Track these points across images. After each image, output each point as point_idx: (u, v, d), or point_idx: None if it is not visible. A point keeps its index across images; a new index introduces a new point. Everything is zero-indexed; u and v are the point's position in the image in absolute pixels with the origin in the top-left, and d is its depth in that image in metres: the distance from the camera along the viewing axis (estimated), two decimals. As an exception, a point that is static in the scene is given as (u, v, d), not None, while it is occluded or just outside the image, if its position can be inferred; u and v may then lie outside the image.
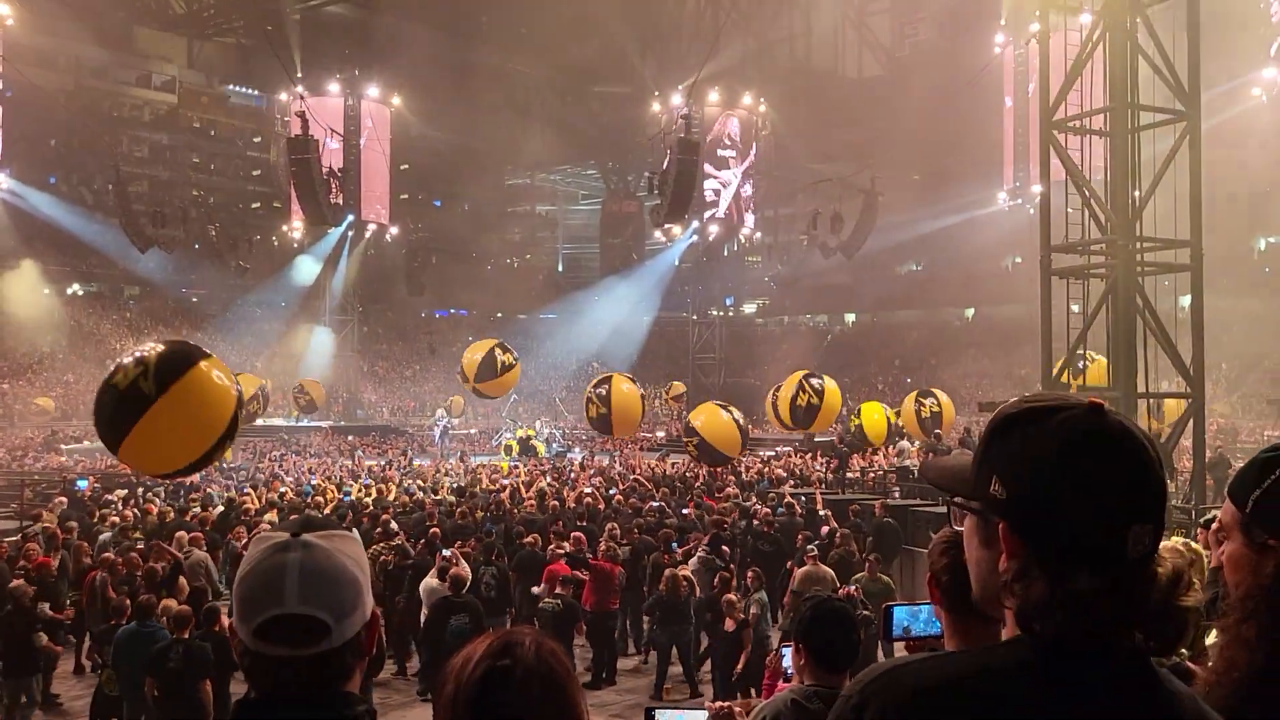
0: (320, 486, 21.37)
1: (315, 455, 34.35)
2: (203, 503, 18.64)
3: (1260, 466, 1.53)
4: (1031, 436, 1.35)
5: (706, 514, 17.14)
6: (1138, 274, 16.56)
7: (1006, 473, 1.36)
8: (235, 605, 1.61)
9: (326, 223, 47.56)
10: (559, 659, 1.64)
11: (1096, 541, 1.29)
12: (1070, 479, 1.31)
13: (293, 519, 1.69)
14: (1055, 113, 17.06)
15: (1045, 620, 1.30)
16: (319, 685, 1.60)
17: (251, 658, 1.60)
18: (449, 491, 21.03)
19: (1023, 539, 1.34)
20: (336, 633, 1.59)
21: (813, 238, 48.37)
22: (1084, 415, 1.34)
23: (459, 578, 11.01)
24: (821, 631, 3.60)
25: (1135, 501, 1.31)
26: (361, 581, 1.65)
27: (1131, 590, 1.29)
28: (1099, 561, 1.29)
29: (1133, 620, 1.30)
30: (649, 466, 27.24)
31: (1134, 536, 1.30)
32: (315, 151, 42.16)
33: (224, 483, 24.25)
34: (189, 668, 8.60)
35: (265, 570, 1.58)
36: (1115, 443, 1.32)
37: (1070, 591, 1.29)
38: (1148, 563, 1.32)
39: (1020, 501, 1.34)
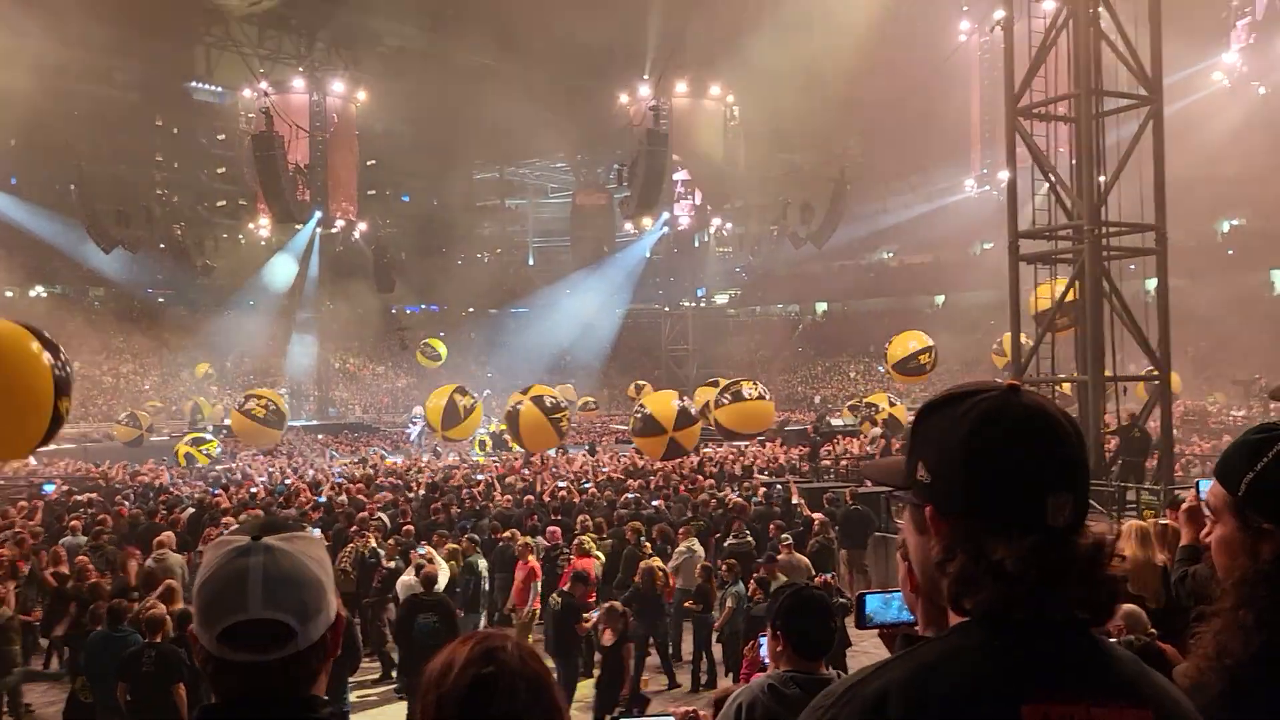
0: (294, 486, 21.20)
1: (286, 454, 34.09)
2: (170, 504, 18.45)
3: (1252, 449, 1.53)
4: (948, 419, 1.40)
5: (680, 506, 17.16)
6: (1104, 259, 16.71)
7: (928, 457, 1.41)
8: (197, 611, 1.58)
9: (293, 220, 47.24)
10: (539, 660, 1.64)
11: (1013, 512, 1.33)
12: (982, 454, 1.36)
13: (252, 520, 1.66)
14: (1020, 99, 17.17)
15: (972, 595, 1.34)
16: (285, 689, 1.57)
17: (215, 663, 1.57)
18: (424, 488, 20.93)
19: (946, 519, 1.38)
20: (302, 636, 1.57)
21: (783, 228, 48.55)
22: (997, 396, 1.40)
23: (429, 576, 10.97)
24: (800, 619, 3.62)
25: (1049, 472, 1.35)
26: (325, 583, 1.62)
27: (1054, 558, 1.31)
28: (1018, 532, 1.32)
29: (1059, 589, 1.32)
30: (626, 459, 27.21)
31: (1052, 505, 1.33)
32: (280, 148, 41.85)
33: (194, 484, 24.03)
34: (162, 672, 8.51)
35: (227, 575, 1.56)
36: (1026, 419, 1.37)
37: (991, 563, 1.32)
38: (1071, 532, 1.34)
39: (940, 482, 1.39)
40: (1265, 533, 1.48)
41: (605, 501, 17.70)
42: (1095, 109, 16.53)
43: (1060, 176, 17.02)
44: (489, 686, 1.55)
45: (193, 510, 17.53)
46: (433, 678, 1.59)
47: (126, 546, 13.06)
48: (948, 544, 1.37)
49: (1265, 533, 1.48)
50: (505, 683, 1.56)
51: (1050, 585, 1.31)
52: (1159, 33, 16.53)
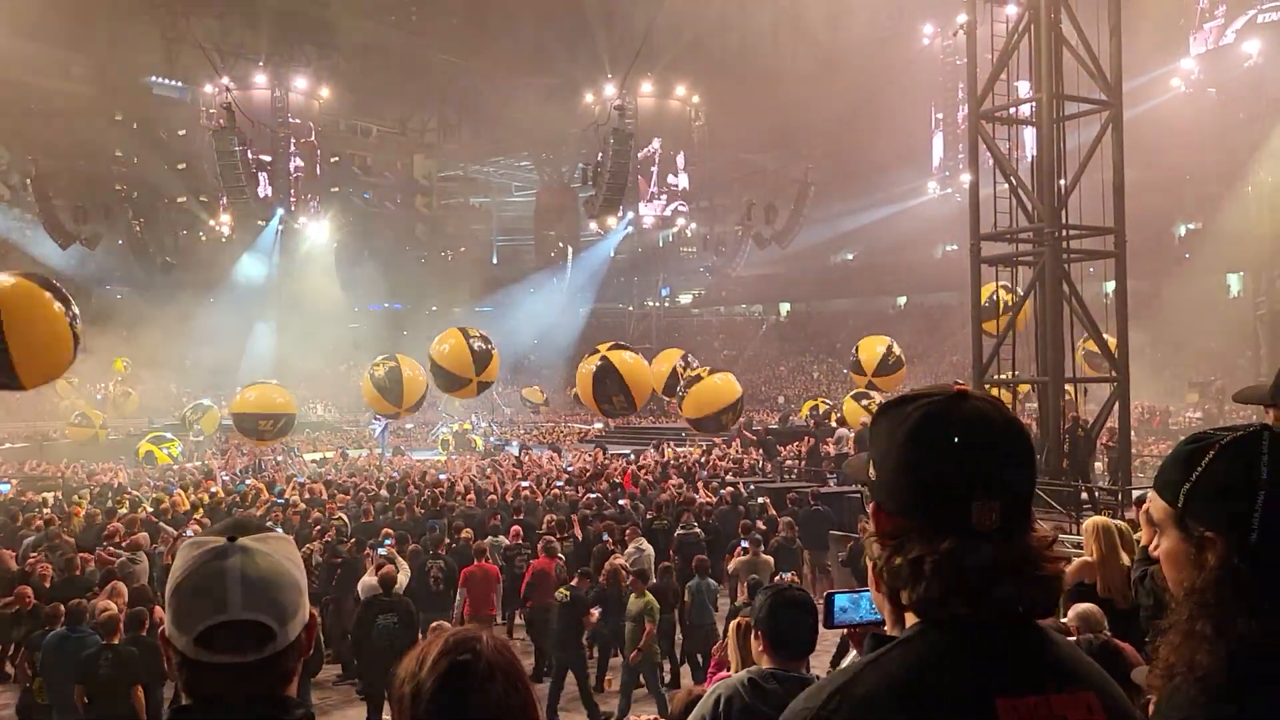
0: (253, 486, 20.99)
1: (245, 453, 33.73)
2: (131, 504, 18.20)
3: (1186, 459, 1.54)
4: (894, 421, 1.46)
5: (644, 505, 17.17)
6: (1064, 261, 16.91)
7: (876, 457, 1.49)
8: (171, 613, 1.55)
9: (255, 216, 46.81)
10: (512, 652, 1.65)
11: (940, 515, 1.39)
12: (915, 457, 1.42)
13: (223, 522, 1.63)
14: (983, 103, 17.35)
15: (906, 590, 1.41)
16: (261, 690, 1.56)
17: (190, 666, 1.54)
18: (385, 487, 20.81)
19: (888, 517, 1.45)
20: (281, 636, 1.55)
21: (747, 228, 48.73)
22: (941, 401, 1.45)
23: (388, 577, 10.87)
24: (781, 619, 3.64)
25: (978, 478, 1.40)
26: (302, 583, 1.61)
27: (973, 561, 1.37)
28: (944, 533, 1.38)
29: (986, 589, 1.37)
30: (590, 459, 27.17)
31: (978, 510, 1.38)
32: (242, 144, 41.42)
33: (153, 483, 23.73)
34: (119, 674, 8.39)
35: (205, 577, 1.53)
36: (963, 424, 1.42)
37: (911, 561, 1.39)
38: (1002, 536, 1.38)
39: (883, 481, 1.47)
40: (1207, 541, 1.49)
41: (567, 501, 17.67)
42: (1056, 113, 16.73)
43: (1021, 180, 17.21)
44: (466, 672, 1.56)
45: (150, 510, 17.32)
46: (409, 670, 1.59)
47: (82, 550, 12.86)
48: (886, 541, 1.45)
49: (1207, 541, 1.49)
50: (482, 669, 1.56)
51: (974, 586, 1.36)
52: (1119, 38, 16.76)
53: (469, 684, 1.55)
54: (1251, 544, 1.45)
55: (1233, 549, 1.46)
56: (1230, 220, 39.86)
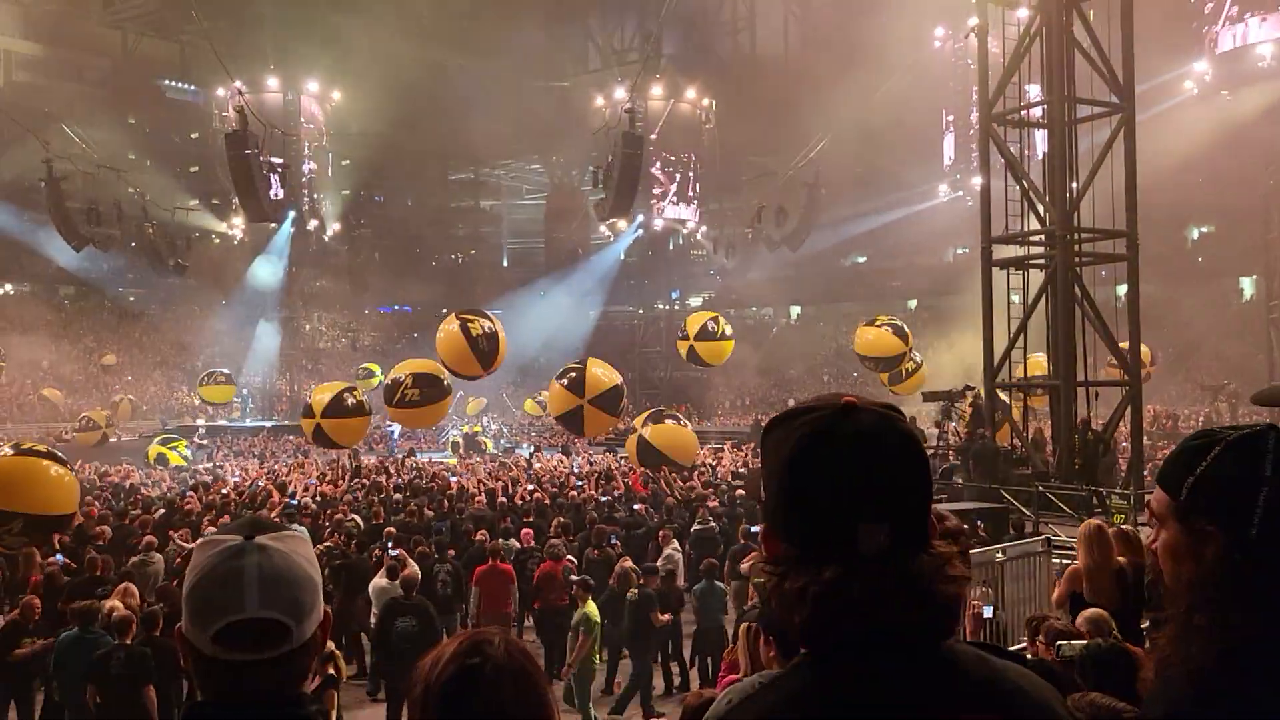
0: (265, 488, 21.04)
1: (258, 455, 33.86)
2: (144, 506, 18.28)
3: (1192, 453, 1.56)
4: (779, 439, 1.40)
5: (656, 509, 17.17)
6: (1076, 264, 16.87)
7: (764, 476, 1.42)
8: (188, 611, 1.57)
9: (267, 219, 46.77)
10: (528, 656, 1.65)
11: (824, 541, 1.33)
12: (799, 481, 1.35)
13: (240, 520, 1.65)
14: (994, 106, 17.32)
15: (790, 616, 1.35)
16: (276, 687, 1.58)
17: (207, 663, 1.56)
18: (394, 489, 20.84)
19: (775, 538, 1.39)
20: (296, 634, 1.57)
21: (757, 231, 48.65)
22: (826, 416, 1.38)
23: (410, 579, 10.91)
24: None
25: (864, 500, 1.33)
26: (317, 582, 1.63)
27: (860, 586, 1.31)
28: (829, 559, 1.32)
29: (875, 613, 1.31)
30: (599, 462, 27.18)
31: (864, 534, 1.32)
32: (254, 147, 41.51)
33: (167, 484, 23.80)
34: (132, 674, 8.43)
35: (222, 575, 1.55)
36: (849, 443, 1.35)
37: (797, 589, 1.33)
38: (893, 558, 1.32)
39: (769, 502, 1.40)
40: (1208, 535, 1.51)
41: (578, 504, 17.69)
42: (1068, 116, 16.70)
43: (1033, 182, 17.18)
44: (473, 677, 1.56)
45: (163, 511, 17.39)
46: (422, 671, 1.60)
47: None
48: (771, 562, 1.39)
49: (1208, 535, 1.51)
50: (490, 674, 1.57)
51: (858, 614, 1.31)
52: (1131, 41, 16.72)
53: (476, 688, 1.56)
54: (1251, 539, 1.46)
55: (1232, 543, 1.48)
56: (1243, 224, 39.70)
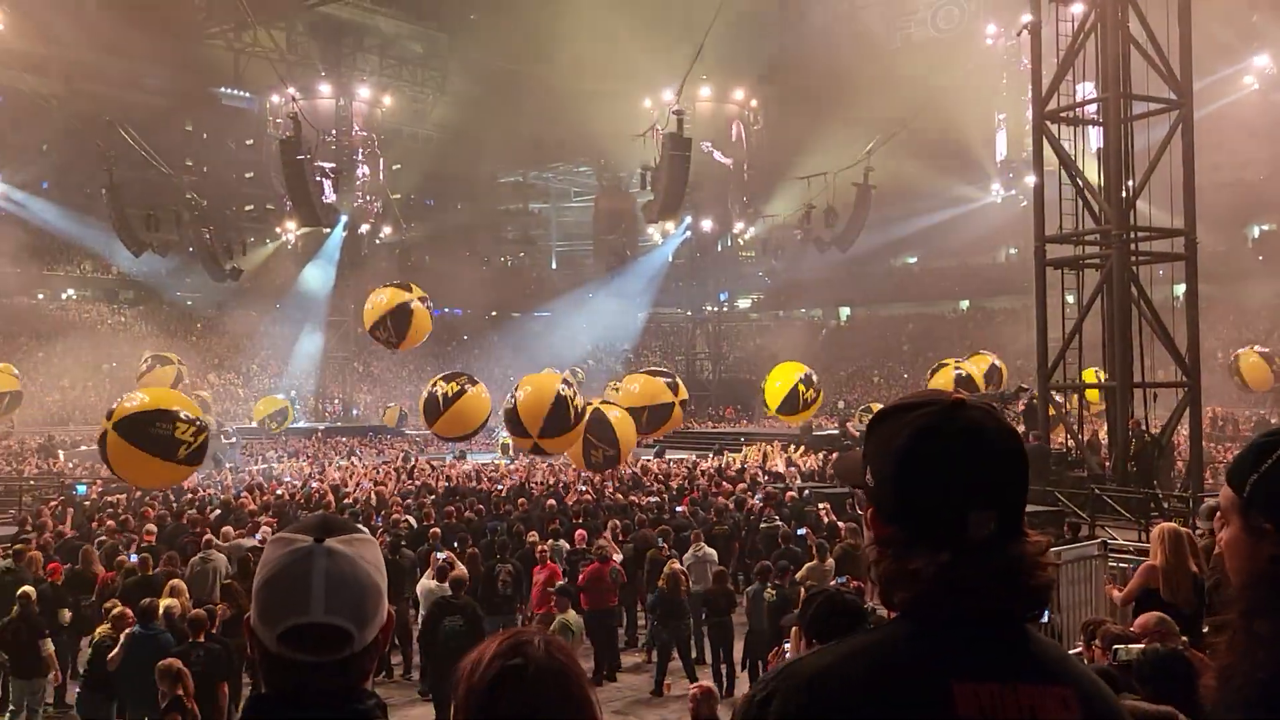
0: (319, 489, 21.31)
1: (310, 457, 34.30)
2: (200, 506, 18.60)
3: (1257, 451, 1.55)
4: (890, 430, 1.50)
5: (702, 510, 17.17)
6: (1132, 264, 16.60)
7: (873, 464, 1.52)
8: (257, 607, 1.61)
9: (320, 224, 47.49)
10: (569, 656, 1.66)
11: (936, 526, 1.43)
12: (911, 470, 1.46)
13: (311, 520, 1.68)
14: (1048, 103, 17.09)
15: (896, 592, 1.46)
16: (338, 687, 1.61)
17: (272, 659, 1.60)
18: (441, 491, 21.02)
19: (883, 523, 1.49)
20: (358, 639, 1.60)
21: (806, 232, 48.40)
22: (939, 410, 1.48)
23: (460, 579, 11.01)
24: (832, 624, 3.62)
25: (974, 490, 1.44)
26: (382, 587, 1.66)
27: (970, 571, 1.41)
28: (939, 543, 1.42)
29: (976, 597, 1.41)
30: (644, 464, 27.21)
31: (974, 521, 1.42)
32: (307, 153, 42.13)
33: (224, 484, 24.17)
34: (210, 670, 8.64)
35: (291, 577, 1.58)
36: (959, 436, 1.45)
37: (908, 571, 1.43)
38: (996, 545, 1.43)
39: (879, 489, 1.50)
40: (1265, 533, 1.50)
41: (625, 505, 17.72)
42: (1124, 113, 16.44)
43: (1088, 181, 16.93)
44: (514, 678, 1.57)
45: (219, 512, 17.68)
46: (464, 672, 1.62)
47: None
48: (879, 546, 1.49)
49: (1265, 533, 1.50)
50: (531, 674, 1.58)
51: (967, 593, 1.41)
52: (1188, 36, 16.41)
53: (518, 689, 1.57)
54: None
55: None
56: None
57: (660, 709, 11.71)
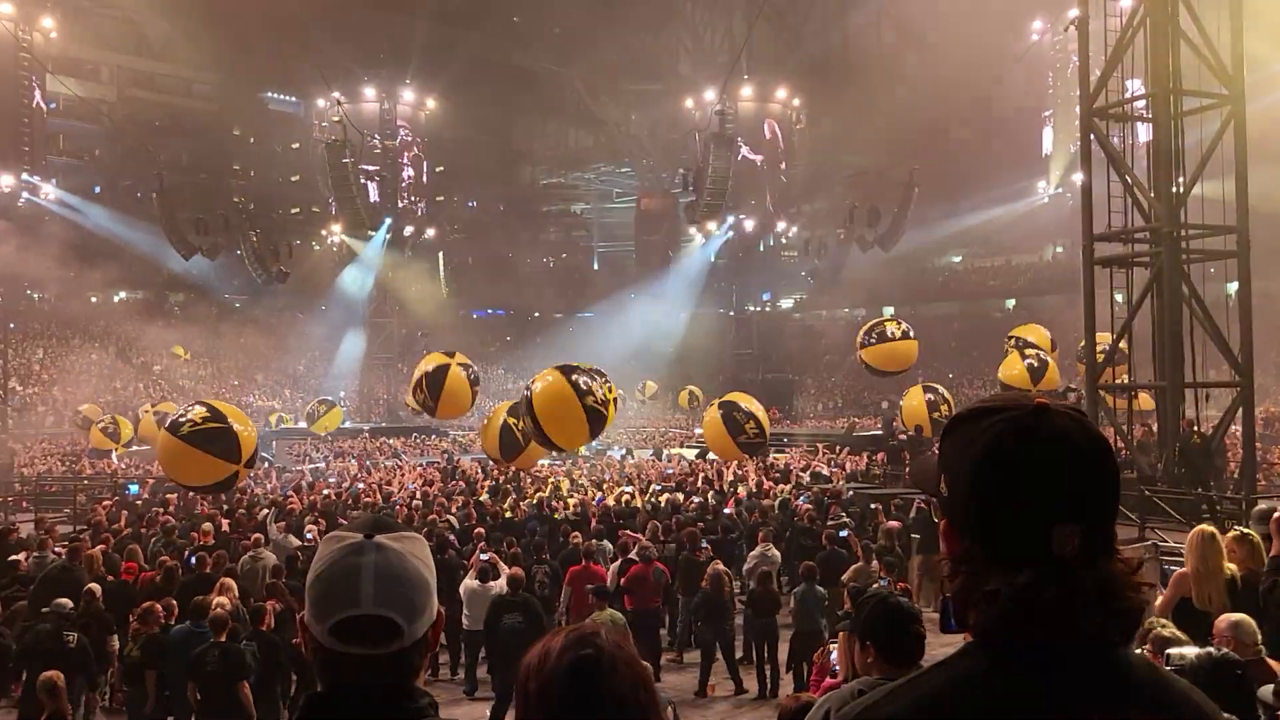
0: (366, 489, 21.52)
1: (355, 458, 34.64)
2: (249, 506, 18.85)
3: None
4: (968, 436, 1.38)
5: (748, 512, 17.14)
6: (1183, 262, 16.33)
7: (948, 472, 1.41)
8: (309, 602, 1.65)
9: (365, 226, 48.07)
10: (631, 646, 1.69)
11: (1016, 541, 1.31)
12: (988, 481, 1.34)
13: (363, 519, 1.72)
14: (1096, 99, 16.86)
15: (971, 613, 1.34)
16: (389, 681, 1.64)
17: (324, 654, 1.64)
18: (486, 492, 21.14)
19: (959, 535, 1.38)
20: (408, 633, 1.63)
21: (850, 231, 48.15)
22: (1020, 416, 1.36)
23: (516, 577, 11.12)
24: (885, 627, 3.62)
25: (1058, 502, 1.31)
26: (431, 583, 1.69)
27: (1053, 592, 1.29)
28: (1021, 560, 1.31)
29: (1060, 619, 1.29)
30: (690, 464, 27.19)
31: (1057, 536, 1.30)
32: (352, 156, 42.64)
33: (272, 484, 24.48)
34: (226, 670, 8.71)
35: (341, 571, 1.62)
36: (1043, 444, 1.33)
37: (988, 592, 1.31)
38: (1082, 563, 1.30)
39: (955, 499, 1.39)
40: None
41: (670, 506, 17.72)
42: (1174, 108, 16.18)
43: (1137, 178, 16.69)
44: (590, 666, 1.60)
45: (267, 511, 17.91)
46: (531, 667, 1.64)
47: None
48: (954, 563, 1.38)
49: None
50: (605, 663, 1.60)
51: (1049, 618, 1.29)
52: (1240, 30, 16.12)
53: (596, 677, 1.59)
54: None
55: None
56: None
57: (704, 710, 11.70)
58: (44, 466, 30.82)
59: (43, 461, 31.94)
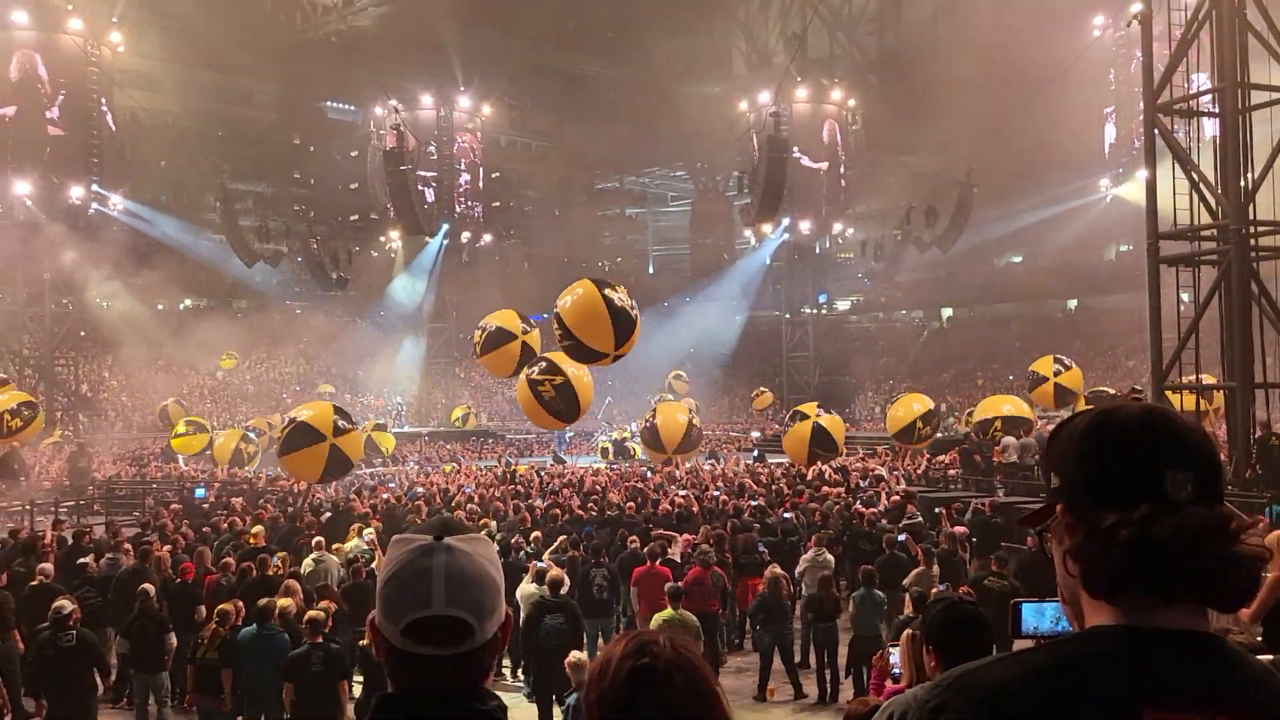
0: (425, 493, 21.74)
1: (415, 462, 35.04)
2: (314, 509, 19.16)
3: None
4: (1070, 426, 1.45)
5: (806, 515, 17.05)
6: (1252, 260, 15.97)
7: (1056, 463, 1.44)
8: (381, 605, 1.67)
9: (422, 232, 48.61)
10: (693, 652, 1.69)
11: (1130, 485, 1.33)
12: (1101, 440, 1.38)
13: (430, 521, 1.74)
14: (1160, 95, 16.56)
15: (1097, 575, 1.34)
16: (460, 682, 1.67)
17: (397, 655, 1.66)
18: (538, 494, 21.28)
19: (1074, 512, 1.39)
20: (479, 633, 1.66)
21: (906, 232, 47.67)
22: (1118, 401, 1.40)
23: (557, 579, 11.17)
24: (953, 633, 3.59)
25: (1167, 451, 1.35)
26: (499, 584, 1.72)
27: (1170, 527, 1.29)
28: (1134, 501, 1.32)
29: (1181, 561, 1.29)
30: (746, 468, 27.14)
31: (1171, 480, 1.33)
32: (410, 163, 43.15)
33: (337, 486, 24.79)
34: (329, 670, 8.90)
35: (412, 572, 1.65)
36: (1143, 414, 1.39)
37: (1103, 531, 1.32)
38: (1195, 509, 1.31)
39: (1065, 479, 1.42)
40: None
41: (731, 510, 17.69)
42: (1241, 103, 15.83)
43: (1203, 174, 16.35)
44: (646, 676, 1.61)
45: (329, 514, 18.20)
46: (593, 678, 1.66)
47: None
48: (1072, 532, 1.38)
49: None
50: (662, 671, 1.61)
51: (1168, 558, 1.29)
52: (1311, 21, 15.74)
53: (651, 686, 1.60)
54: None
55: None
56: None
57: (763, 715, 11.67)
58: (114, 470, 31.55)
59: (113, 465, 32.69)
